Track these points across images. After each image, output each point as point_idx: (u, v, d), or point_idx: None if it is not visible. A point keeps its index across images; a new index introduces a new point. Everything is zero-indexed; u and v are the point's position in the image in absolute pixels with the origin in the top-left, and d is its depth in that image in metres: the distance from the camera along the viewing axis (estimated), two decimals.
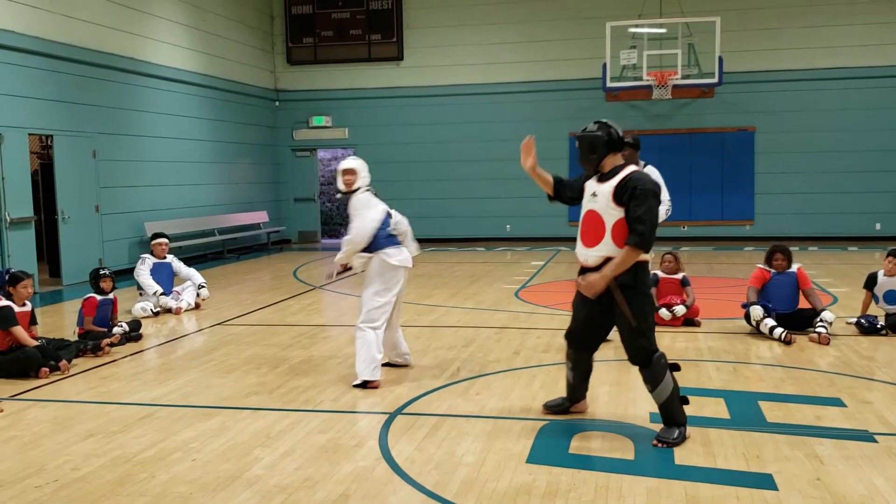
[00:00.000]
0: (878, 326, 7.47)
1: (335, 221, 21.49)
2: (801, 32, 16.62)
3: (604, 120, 4.78)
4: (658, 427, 4.73)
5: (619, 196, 4.54)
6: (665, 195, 7.19)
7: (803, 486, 3.92)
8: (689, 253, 15.25)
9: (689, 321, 7.98)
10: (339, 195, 6.45)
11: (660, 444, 4.52)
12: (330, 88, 18.91)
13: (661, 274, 8.22)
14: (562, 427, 4.90)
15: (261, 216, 17.93)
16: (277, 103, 19.18)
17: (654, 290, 8.16)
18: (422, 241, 18.41)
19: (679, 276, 8.20)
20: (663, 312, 7.91)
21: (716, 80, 14.97)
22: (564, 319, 8.48)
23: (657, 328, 7.68)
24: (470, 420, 5.07)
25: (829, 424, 4.88)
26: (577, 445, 4.58)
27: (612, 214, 4.57)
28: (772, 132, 16.79)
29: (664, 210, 7.04)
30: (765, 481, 3.99)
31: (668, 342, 7.33)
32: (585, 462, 4.31)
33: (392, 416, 5.17)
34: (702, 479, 4.06)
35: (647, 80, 14.88)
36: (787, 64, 16.66)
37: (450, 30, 18.20)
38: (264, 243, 17.82)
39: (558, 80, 17.59)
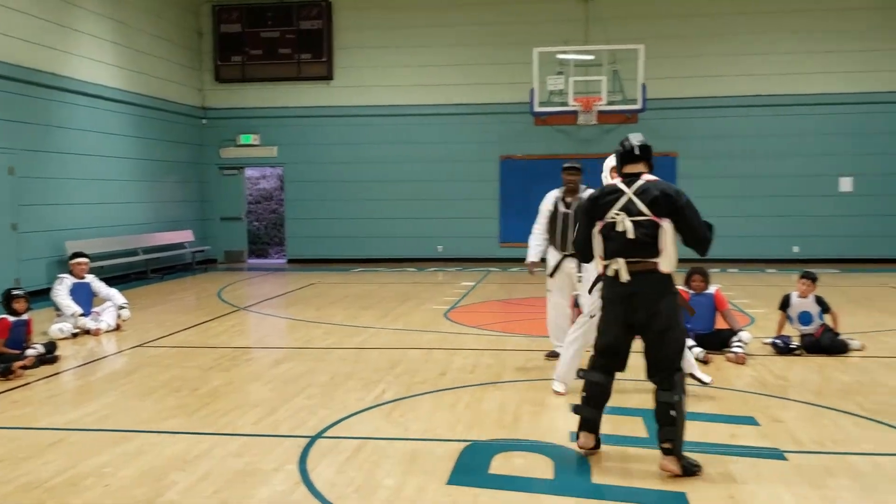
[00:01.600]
0: (792, 347, 7.74)
1: (262, 241, 21.24)
2: (721, 60, 17.22)
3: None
4: (576, 446, 4.81)
5: None
6: None
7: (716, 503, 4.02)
8: None
9: None
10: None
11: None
12: (259, 107, 18.74)
13: None
14: (484, 448, 4.91)
15: (186, 235, 17.58)
16: (205, 121, 18.90)
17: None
18: (353, 262, 18.45)
19: None
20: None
21: (639, 106, 15.37)
22: (492, 339, 8.60)
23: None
24: (393, 442, 5.04)
25: (742, 443, 5.02)
26: (497, 465, 4.60)
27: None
28: (694, 157, 17.30)
29: None
30: (678, 500, 4.08)
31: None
32: (506, 482, 4.33)
33: (313, 440, 5.10)
34: (618, 497, 4.12)
35: (574, 106, 15.20)
36: (709, 91, 17.22)
37: (380, 50, 18.27)
38: (189, 263, 17.47)
39: (488, 103, 17.82)
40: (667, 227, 4.47)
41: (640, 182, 4.60)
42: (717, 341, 7.69)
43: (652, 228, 4.48)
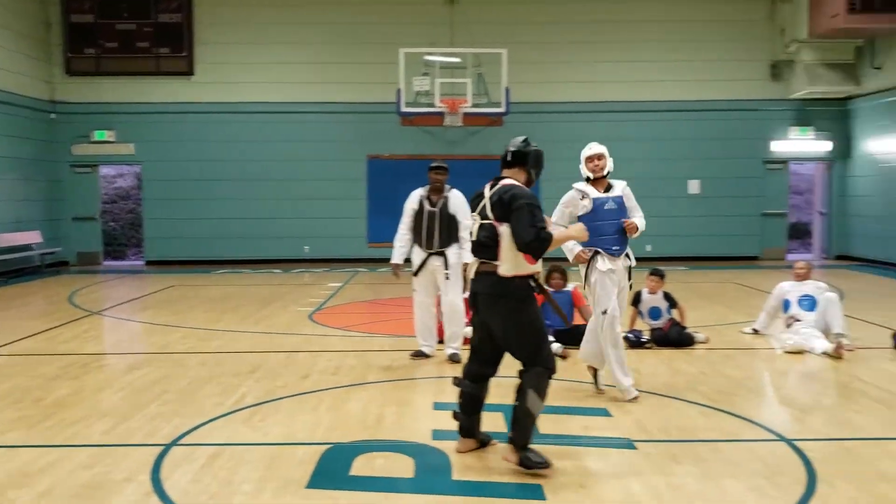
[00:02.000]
0: (643, 340, 8.12)
1: (119, 242, 20.27)
2: (583, 67, 17.85)
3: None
4: (439, 444, 4.87)
5: None
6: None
7: (568, 494, 4.15)
8: None
9: None
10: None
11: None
12: (114, 102, 17.85)
13: None
14: (345, 450, 4.87)
15: (33, 236, 16.50)
16: (54, 116, 17.81)
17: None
18: (216, 263, 17.89)
19: (465, 294, 8.46)
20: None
21: (503, 109, 15.71)
22: (357, 341, 8.55)
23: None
24: (251, 448, 4.92)
25: (595, 434, 5.22)
26: (358, 467, 4.57)
27: None
28: (553, 160, 17.46)
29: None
30: (534, 492, 4.19)
31: (463, 359, 7.54)
32: (366, 483, 4.31)
33: (167, 448, 4.90)
34: (477, 493, 4.19)
35: (440, 107, 15.35)
36: (570, 97, 17.81)
37: (244, 47, 17.82)
38: (37, 266, 16.42)
39: (354, 102, 17.72)
40: (503, 231, 4.55)
41: (497, 187, 4.71)
42: (575, 336, 7.94)
43: (492, 231, 4.61)
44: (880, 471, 4.48)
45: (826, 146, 18.17)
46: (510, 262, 4.55)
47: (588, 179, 6.28)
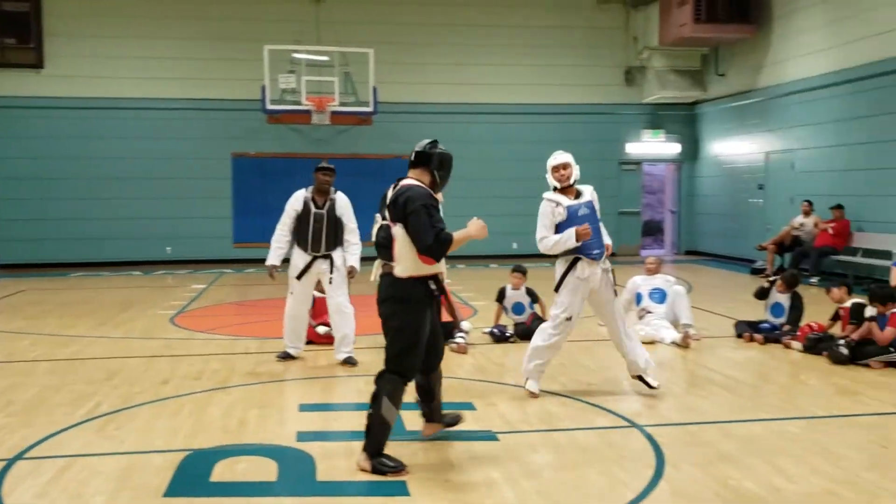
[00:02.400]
0: (508, 335, 8.34)
1: None
2: (449, 69, 18.07)
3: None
4: (304, 446, 4.85)
5: None
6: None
7: (433, 488, 4.23)
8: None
9: None
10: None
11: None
12: None
13: (317, 294, 8.37)
14: (206, 456, 4.76)
15: None
16: None
17: (312, 309, 8.31)
18: (71, 266, 16.93)
19: None
20: (321, 329, 8.09)
21: (371, 108, 15.71)
22: (222, 344, 8.33)
23: (319, 345, 7.87)
24: (105, 458, 4.72)
25: (459, 428, 5.30)
26: (219, 473, 4.48)
27: None
28: None
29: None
30: (399, 488, 4.23)
31: (325, 360, 7.50)
32: (227, 489, 4.23)
33: (11, 462, 4.63)
34: (341, 492, 4.20)
35: (307, 105, 15.18)
36: (435, 97, 18.01)
37: (100, 40, 16.95)
38: None
39: (220, 99, 17.21)
40: (397, 232, 4.57)
41: (398, 187, 4.70)
42: (444, 333, 8.06)
43: (388, 232, 4.65)
44: (721, 452, 4.80)
45: (676, 148, 19.23)
46: (405, 263, 4.55)
47: (556, 189, 6.22)
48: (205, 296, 12.49)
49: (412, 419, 5.47)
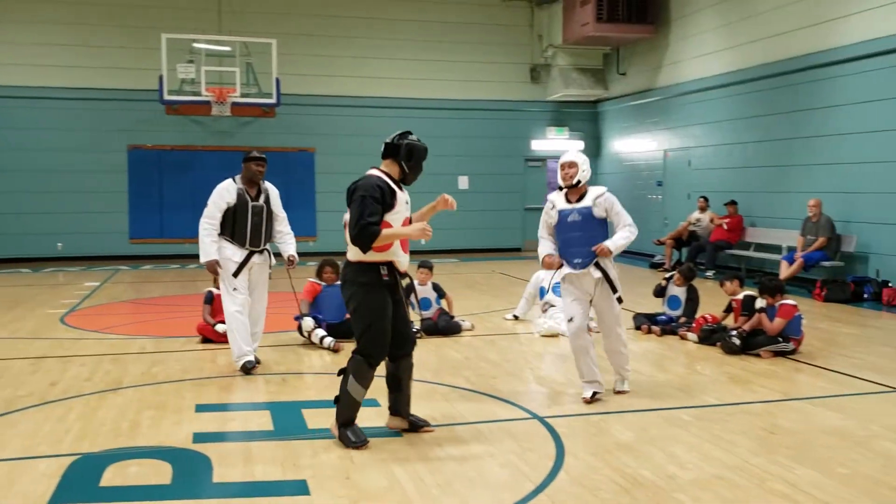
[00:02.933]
0: (414, 330, 8.28)
1: None
2: (350, 62, 17.90)
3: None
4: (200, 447, 4.70)
5: None
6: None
7: (334, 486, 4.15)
8: None
9: None
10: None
11: (430, 429, 5.06)
12: None
13: (215, 291, 8.14)
14: (95, 460, 4.54)
15: None
16: None
17: (209, 307, 8.08)
18: None
19: None
20: (220, 328, 7.87)
21: (274, 100, 15.40)
22: (115, 343, 7.99)
23: (218, 344, 7.63)
24: None
25: (362, 425, 5.20)
26: (109, 477, 4.28)
27: None
28: (330, 153, 17.75)
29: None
30: (299, 487, 4.14)
31: (224, 359, 7.29)
32: (117, 494, 4.04)
33: None
34: (239, 494, 4.07)
35: (206, 96, 14.75)
36: (341, 90, 17.81)
37: None
38: None
39: (115, 88, 16.53)
40: (346, 218, 4.84)
41: (361, 176, 4.89)
42: (348, 330, 7.96)
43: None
44: (619, 441, 4.90)
45: (579, 145, 19.60)
46: (353, 248, 4.76)
47: (560, 188, 5.93)
48: (98, 293, 11.98)
49: (314, 417, 5.39)
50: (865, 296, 10.93)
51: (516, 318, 9.32)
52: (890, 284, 10.81)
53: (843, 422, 5.31)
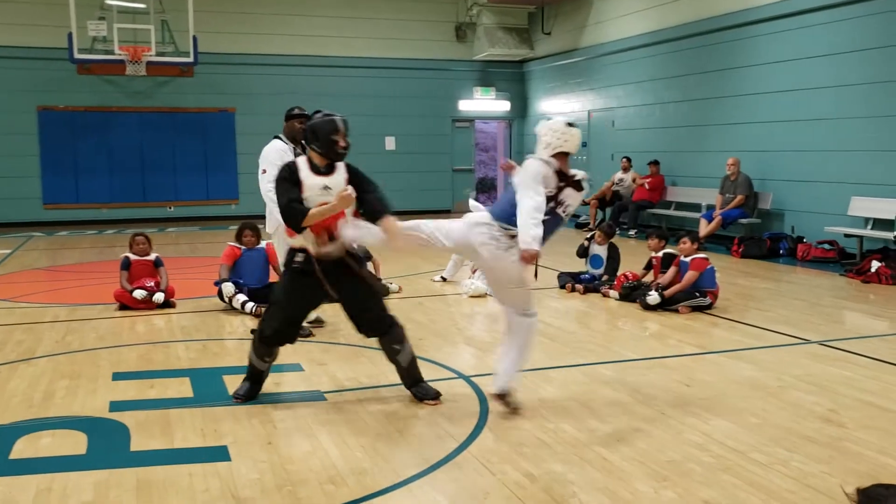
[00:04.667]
0: None
1: None
2: (274, 19, 17.43)
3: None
4: (118, 415, 4.57)
5: (356, 182, 4.69)
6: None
7: (255, 451, 4.09)
8: (175, 234, 15.05)
9: (167, 303, 7.83)
10: None
11: (434, 402, 4.82)
12: None
13: (132, 256, 7.90)
14: (4, 432, 4.37)
15: None
16: None
17: (126, 273, 7.84)
18: None
19: (152, 257, 7.99)
20: (138, 293, 7.65)
21: (191, 59, 14.88)
22: (27, 312, 7.69)
23: (136, 311, 7.45)
24: None
25: (286, 389, 5.19)
26: (20, 449, 4.12)
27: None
28: (251, 114, 17.29)
29: None
30: (219, 453, 4.06)
31: (143, 326, 7.10)
32: (28, 466, 3.90)
33: None
34: (157, 462, 3.97)
35: (120, 55, 14.15)
36: (263, 48, 17.34)
37: None
38: None
39: (22, 46, 15.73)
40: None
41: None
42: (268, 295, 7.83)
43: None
44: (542, 397, 4.97)
45: (506, 106, 19.64)
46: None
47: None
48: (10, 261, 11.51)
49: (235, 383, 5.29)
50: (781, 252, 11.33)
51: (444, 279, 9.33)
52: (804, 240, 11.21)
53: (756, 373, 5.50)
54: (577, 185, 4.62)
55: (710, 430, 4.35)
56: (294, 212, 4.53)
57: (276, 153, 6.48)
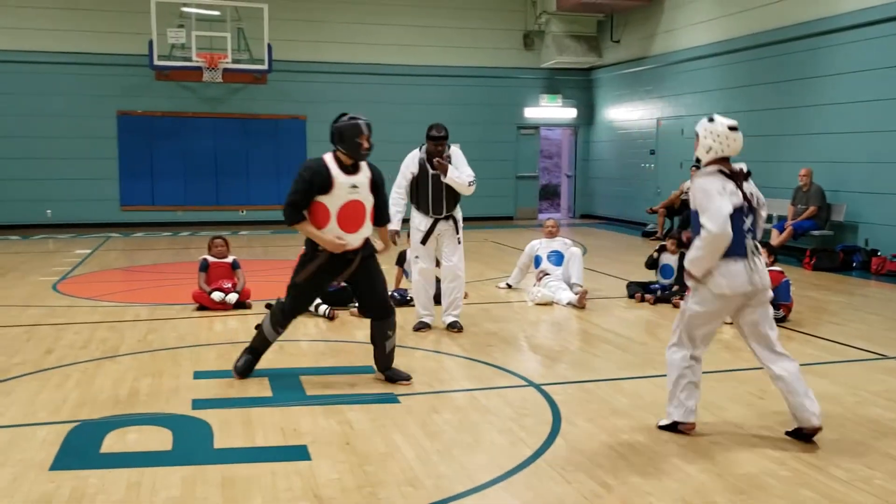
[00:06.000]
0: (408, 298, 8.32)
1: None
2: (343, 28, 17.71)
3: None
4: (200, 413, 4.74)
5: (375, 184, 5.39)
6: None
7: (334, 451, 4.20)
8: (247, 237, 15.41)
9: (241, 304, 8.05)
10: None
11: (406, 383, 5.39)
12: None
13: (210, 259, 8.15)
14: (95, 427, 4.57)
15: None
16: None
17: (204, 275, 8.09)
18: None
19: (229, 259, 8.22)
20: (216, 295, 7.89)
21: (266, 66, 15.25)
22: (109, 311, 8.00)
23: (214, 311, 7.70)
24: None
25: (360, 391, 5.30)
26: (110, 444, 4.31)
27: (370, 201, 5.36)
28: (321, 121, 17.45)
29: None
30: (299, 453, 4.18)
31: (220, 326, 7.32)
32: (118, 460, 4.08)
33: None
34: (240, 459, 4.11)
35: (197, 62, 14.60)
36: (332, 56, 17.65)
37: None
38: None
39: (103, 53, 16.34)
40: None
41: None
42: (343, 298, 7.99)
43: None
44: (613, 407, 4.97)
45: (572, 113, 19.57)
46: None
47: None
48: (90, 261, 11.96)
49: (312, 384, 5.44)
50: (854, 265, 11.04)
51: (509, 286, 9.36)
52: (878, 253, 10.91)
53: (832, 388, 5.40)
54: (748, 174, 4.50)
55: (786, 444, 4.30)
56: (287, 213, 5.20)
57: (404, 163, 7.10)
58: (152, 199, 17.07)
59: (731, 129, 4.42)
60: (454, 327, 7.15)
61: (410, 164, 7.01)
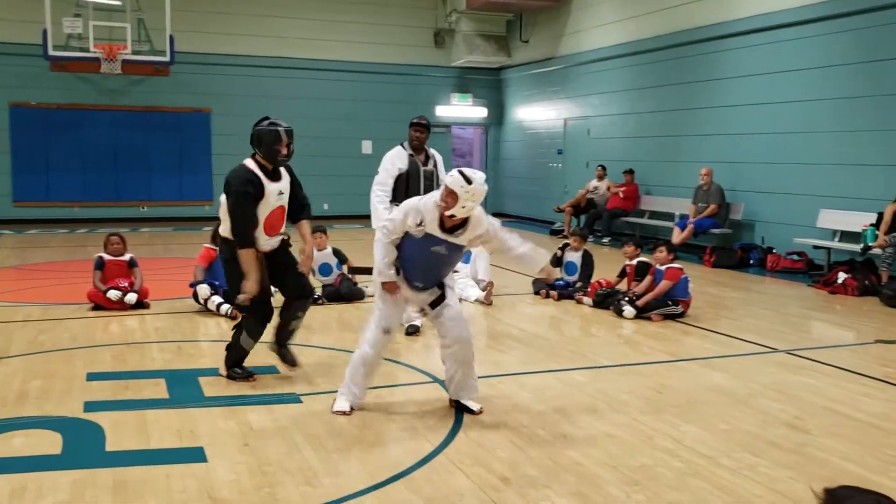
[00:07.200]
0: (316, 297, 8.22)
1: None
2: (250, 20, 17.35)
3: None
4: (92, 416, 4.56)
5: (294, 185, 5.43)
6: None
7: (232, 453, 4.11)
8: (148, 234, 14.93)
9: (140, 304, 7.79)
10: None
11: (292, 369, 5.55)
12: None
13: (106, 256, 7.86)
14: None
15: None
16: None
17: (100, 273, 7.79)
18: None
19: (126, 257, 7.95)
20: (112, 294, 7.61)
21: (167, 58, 14.79)
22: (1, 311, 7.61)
23: (110, 311, 7.42)
24: None
25: (262, 392, 5.20)
26: None
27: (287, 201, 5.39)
28: (227, 115, 17.18)
29: None
30: (196, 455, 4.07)
31: (116, 326, 7.07)
32: (2, 466, 3.88)
33: None
34: (133, 462, 3.97)
35: (95, 53, 14.03)
36: (240, 49, 17.26)
37: None
38: None
39: None
40: (222, 200, 5.29)
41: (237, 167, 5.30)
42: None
43: None
44: (515, 402, 5.04)
45: (482, 112, 19.73)
46: (225, 225, 5.24)
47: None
48: None
49: (211, 385, 5.31)
50: (751, 262, 11.51)
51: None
52: (774, 251, 11.41)
53: (726, 381, 5.61)
54: None
55: (680, 435, 4.44)
56: (242, 247, 5.11)
57: (388, 158, 6.94)
58: (47, 195, 16.33)
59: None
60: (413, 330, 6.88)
61: (397, 159, 6.80)
